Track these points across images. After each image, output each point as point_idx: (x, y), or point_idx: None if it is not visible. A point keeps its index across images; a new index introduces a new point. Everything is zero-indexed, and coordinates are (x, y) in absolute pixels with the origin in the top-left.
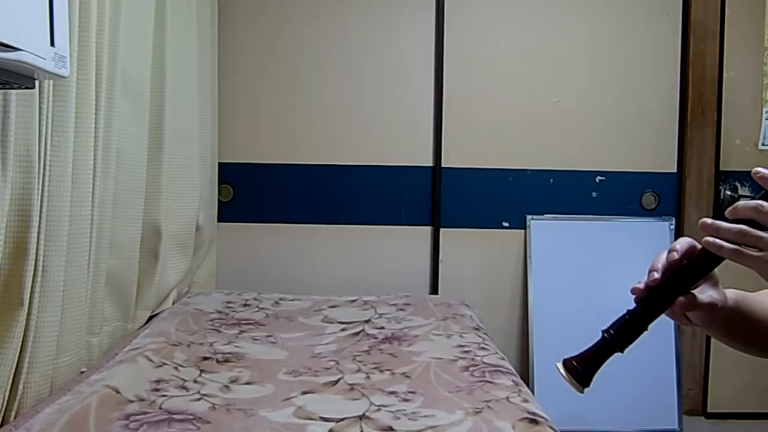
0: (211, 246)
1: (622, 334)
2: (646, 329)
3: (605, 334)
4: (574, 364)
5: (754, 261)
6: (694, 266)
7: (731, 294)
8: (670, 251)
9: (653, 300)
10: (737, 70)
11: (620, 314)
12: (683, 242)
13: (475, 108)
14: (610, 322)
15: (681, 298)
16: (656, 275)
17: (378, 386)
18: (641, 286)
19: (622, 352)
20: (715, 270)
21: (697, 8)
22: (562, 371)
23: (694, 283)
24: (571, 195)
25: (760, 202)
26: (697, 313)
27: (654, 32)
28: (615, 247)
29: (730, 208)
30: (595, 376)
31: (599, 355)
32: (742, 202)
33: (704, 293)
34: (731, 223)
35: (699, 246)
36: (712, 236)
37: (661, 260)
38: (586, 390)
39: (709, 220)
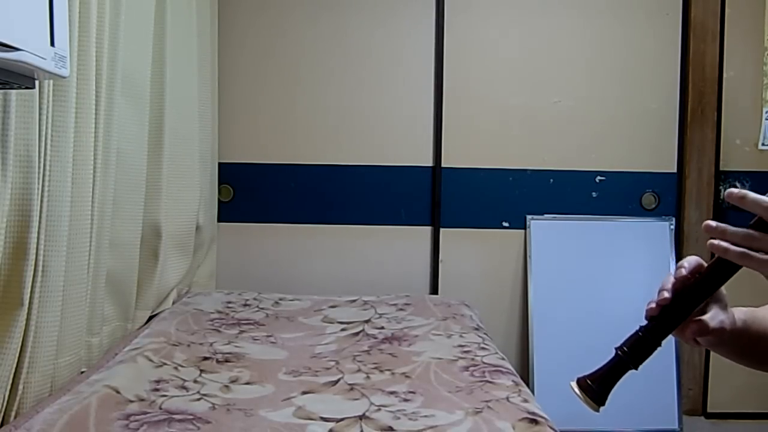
0: (211, 246)
1: (636, 350)
2: (659, 345)
3: (619, 352)
4: (589, 382)
5: (760, 264)
6: (705, 280)
7: (739, 314)
8: (678, 267)
9: (666, 316)
10: (737, 70)
11: (632, 331)
12: (691, 259)
13: (475, 108)
14: (622, 339)
15: (693, 326)
16: (666, 294)
17: (378, 386)
18: (654, 305)
19: (636, 369)
20: (725, 291)
21: (697, 8)
22: (577, 390)
23: (705, 297)
24: (571, 195)
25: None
26: (707, 337)
27: (654, 32)
28: (615, 247)
29: (738, 195)
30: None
31: (613, 372)
32: (753, 195)
33: (714, 319)
34: (733, 214)
35: (706, 265)
36: (717, 239)
37: (670, 279)
38: (602, 409)
39: (713, 223)
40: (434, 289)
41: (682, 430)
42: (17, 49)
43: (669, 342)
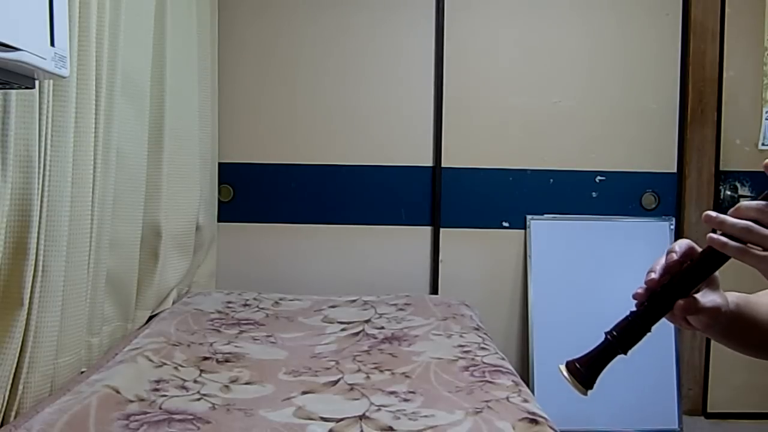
0: (211, 246)
1: (625, 335)
2: (649, 331)
3: (608, 336)
4: (577, 366)
5: (758, 260)
6: (697, 266)
7: (732, 297)
8: (668, 252)
9: (656, 301)
10: (737, 70)
11: (623, 316)
12: (682, 243)
13: (475, 108)
14: (612, 324)
15: (681, 302)
16: (653, 275)
17: (378, 386)
18: (642, 290)
19: (625, 354)
20: (717, 273)
21: (697, 8)
22: (565, 374)
23: (697, 283)
24: (571, 195)
25: (765, 202)
26: (699, 317)
27: (654, 32)
28: (615, 247)
29: (732, 209)
30: (599, 378)
31: (602, 357)
32: (745, 203)
33: (706, 297)
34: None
35: (698, 248)
36: (716, 231)
37: (660, 262)
38: (590, 392)
39: (713, 213)
40: (434, 289)
41: (682, 430)
42: (17, 49)
43: (669, 342)
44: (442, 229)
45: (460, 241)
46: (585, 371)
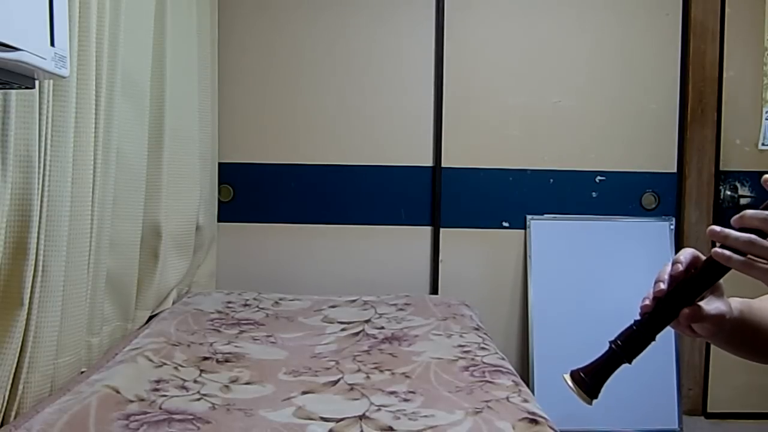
0: (211, 246)
1: (629, 344)
2: (653, 339)
3: (613, 345)
4: (582, 375)
5: (763, 273)
6: (701, 276)
7: (736, 303)
8: (674, 263)
9: (660, 310)
10: (737, 70)
11: (627, 325)
12: (687, 253)
13: (475, 108)
14: (614, 328)
15: (686, 310)
16: (662, 285)
17: (378, 386)
18: (649, 302)
19: (629, 362)
20: (721, 281)
21: (697, 8)
22: (570, 383)
23: (701, 292)
24: (571, 195)
25: None
26: (703, 324)
27: (654, 32)
28: (615, 247)
29: (736, 217)
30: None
31: (607, 366)
32: (750, 211)
33: (710, 305)
34: (738, 231)
35: (702, 257)
36: (720, 245)
37: (666, 271)
38: (595, 402)
39: (717, 228)
40: (434, 289)
41: (682, 430)
42: (17, 49)
43: (669, 342)
44: (442, 229)
45: (460, 241)
46: (590, 381)
